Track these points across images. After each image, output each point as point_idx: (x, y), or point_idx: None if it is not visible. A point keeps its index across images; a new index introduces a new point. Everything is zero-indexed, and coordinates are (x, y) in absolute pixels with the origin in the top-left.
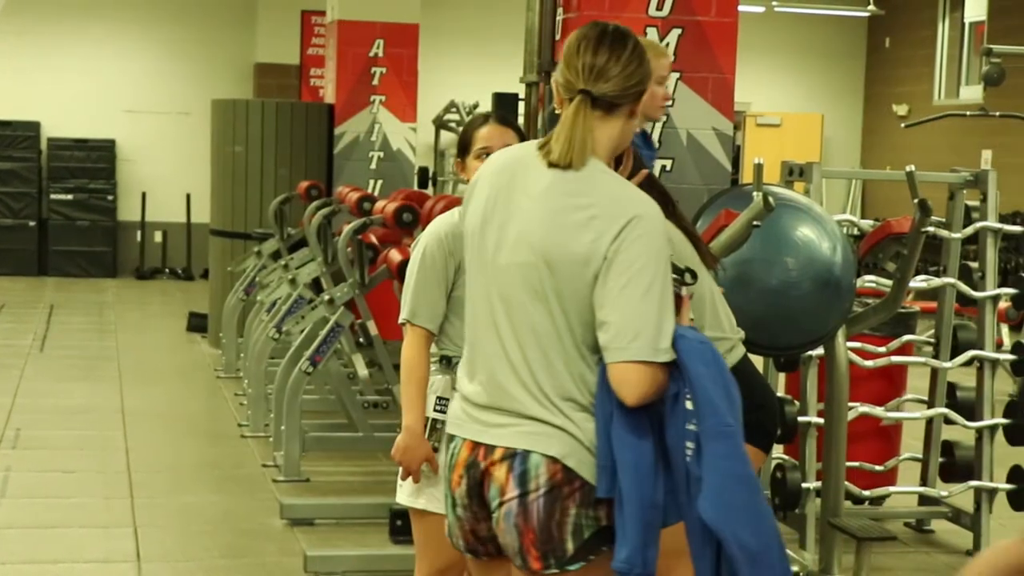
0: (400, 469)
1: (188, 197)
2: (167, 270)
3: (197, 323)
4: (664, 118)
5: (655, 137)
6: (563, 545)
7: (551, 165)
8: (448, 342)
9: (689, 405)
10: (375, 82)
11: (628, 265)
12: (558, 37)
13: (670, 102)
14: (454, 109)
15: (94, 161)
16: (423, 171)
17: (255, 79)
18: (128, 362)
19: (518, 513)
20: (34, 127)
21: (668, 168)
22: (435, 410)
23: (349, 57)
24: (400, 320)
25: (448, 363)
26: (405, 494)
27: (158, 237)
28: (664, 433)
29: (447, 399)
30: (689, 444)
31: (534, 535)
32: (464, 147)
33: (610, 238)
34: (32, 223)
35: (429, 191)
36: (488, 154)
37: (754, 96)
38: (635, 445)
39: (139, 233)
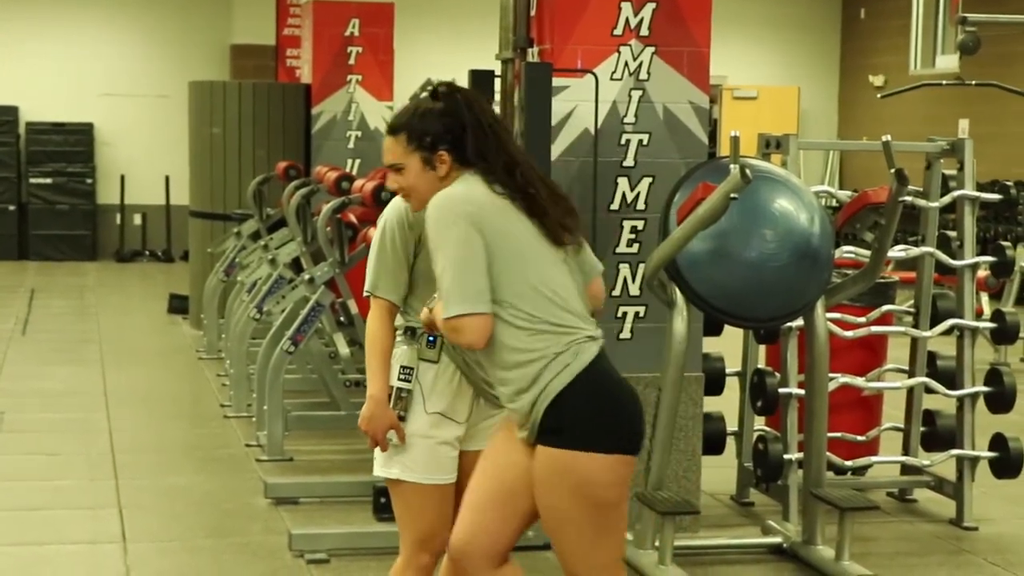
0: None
1: (167, 179)
2: (147, 252)
3: (178, 305)
4: (641, 92)
5: (631, 112)
6: None
7: None
8: (413, 313)
9: None
10: (351, 61)
11: None
12: (533, 13)
13: None
14: (430, 87)
15: (72, 145)
16: None
17: (231, 61)
18: (110, 344)
19: None
20: (12, 112)
21: (645, 143)
22: (399, 379)
23: (325, 37)
24: (364, 293)
25: (412, 334)
26: (379, 465)
27: (137, 220)
28: None
29: (411, 368)
30: None
31: None
32: None
33: None
34: (12, 207)
35: None
36: None
37: (730, 69)
38: None
39: (119, 216)
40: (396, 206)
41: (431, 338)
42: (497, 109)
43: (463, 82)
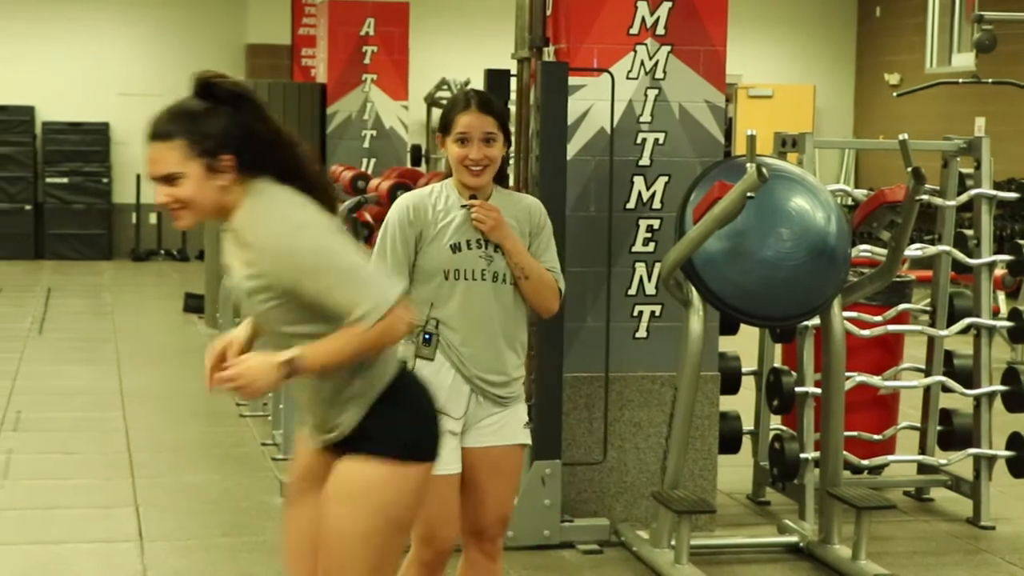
0: None
1: None
2: (163, 251)
3: (193, 304)
4: (657, 91)
5: (647, 111)
6: None
7: None
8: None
9: None
10: (366, 61)
11: None
12: (549, 12)
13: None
14: (445, 86)
15: (88, 144)
16: (415, 149)
17: (247, 60)
18: (126, 343)
19: None
20: (28, 111)
21: (661, 141)
22: None
23: (340, 36)
24: None
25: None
26: None
27: (153, 219)
28: None
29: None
30: None
31: None
32: (446, 126)
33: None
34: (28, 207)
35: (422, 168)
36: (465, 140)
37: (745, 68)
38: None
39: (134, 215)
40: (400, 205)
41: (427, 336)
42: (513, 109)
43: (478, 82)
